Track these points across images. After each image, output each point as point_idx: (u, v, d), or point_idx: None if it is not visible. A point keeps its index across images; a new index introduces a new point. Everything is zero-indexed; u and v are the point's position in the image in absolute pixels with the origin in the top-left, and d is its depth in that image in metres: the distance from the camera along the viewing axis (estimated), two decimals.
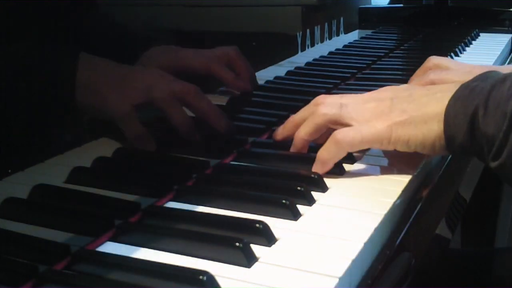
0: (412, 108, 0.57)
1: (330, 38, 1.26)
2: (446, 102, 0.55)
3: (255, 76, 0.89)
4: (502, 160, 0.51)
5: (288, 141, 0.65)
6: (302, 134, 0.62)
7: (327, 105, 0.61)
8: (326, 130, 0.62)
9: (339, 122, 0.60)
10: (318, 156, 0.59)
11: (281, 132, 0.66)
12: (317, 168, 0.59)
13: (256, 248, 0.45)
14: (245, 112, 0.81)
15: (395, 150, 0.59)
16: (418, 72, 0.79)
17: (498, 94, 0.52)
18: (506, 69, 0.76)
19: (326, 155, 0.59)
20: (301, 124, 0.63)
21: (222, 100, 0.84)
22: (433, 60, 0.78)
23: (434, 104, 0.56)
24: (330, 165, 0.59)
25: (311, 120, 0.62)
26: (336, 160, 0.59)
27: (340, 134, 0.58)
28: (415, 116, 0.57)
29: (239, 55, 0.85)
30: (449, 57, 1.11)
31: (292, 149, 0.64)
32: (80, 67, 0.66)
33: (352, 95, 0.63)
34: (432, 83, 0.73)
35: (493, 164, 0.52)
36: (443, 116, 0.55)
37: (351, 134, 0.58)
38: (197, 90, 0.69)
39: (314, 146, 0.62)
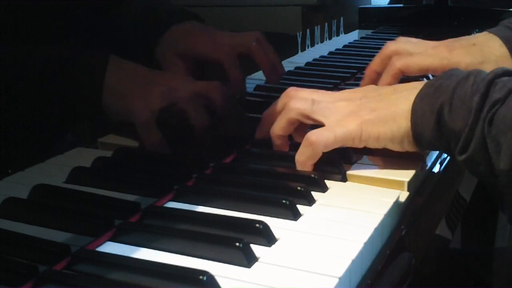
0: (381, 106, 0.59)
1: (330, 38, 1.26)
2: (412, 99, 0.56)
3: (280, 66, 0.87)
4: (469, 154, 0.53)
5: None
6: (276, 130, 0.63)
7: (299, 100, 0.62)
8: (299, 126, 0.63)
9: (310, 117, 0.61)
10: (295, 159, 0.60)
11: (258, 131, 0.67)
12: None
13: (256, 248, 0.45)
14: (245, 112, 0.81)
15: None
16: (376, 59, 0.78)
17: (462, 91, 0.54)
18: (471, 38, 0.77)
19: (303, 157, 0.59)
20: (275, 117, 0.64)
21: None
22: (391, 46, 0.78)
23: (402, 102, 0.57)
24: (308, 167, 0.59)
25: (284, 115, 0.63)
26: (314, 161, 0.59)
27: (313, 135, 0.59)
28: (384, 114, 0.58)
29: (259, 46, 0.83)
30: None
31: (274, 148, 0.64)
32: (109, 70, 0.67)
33: (324, 92, 0.64)
34: (400, 71, 0.73)
35: (460, 158, 0.54)
36: (410, 113, 0.56)
37: (324, 134, 0.58)
38: (219, 86, 0.70)
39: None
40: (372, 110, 0.59)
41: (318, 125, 0.61)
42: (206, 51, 0.82)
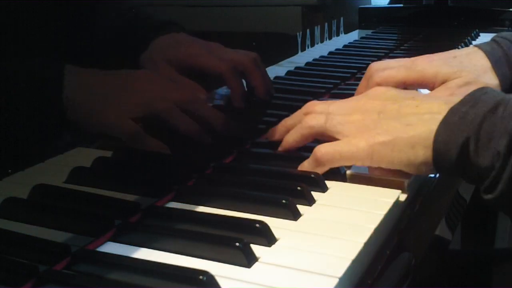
0: (398, 128, 0.55)
1: (330, 38, 1.26)
2: (434, 126, 0.53)
3: (272, 88, 0.85)
4: (496, 195, 0.50)
5: None
6: (290, 140, 0.63)
7: (314, 116, 0.61)
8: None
9: (325, 135, 0.60)
10: (301, 169, 0.59)
11: (272, 134, 0.67)
12: None
13: (256, 248, 0.45)
14: (245, 112, 0.81)
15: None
16: (362, 81, 0.77)
17: (489, 127, 0.50)
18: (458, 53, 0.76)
19: (308, 170, 0.59)
20: (291, 127, 0.64)
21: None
22: (373, 66, 0.76)
23: (421, 127, 0.54)
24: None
25: (299, 130, 0.62)
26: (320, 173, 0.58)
27: (320, 151, 0.58)
28: (401, 138, 0.55)
29: (255, 66, 0.82)
30: None
31: (280, 149, 0.64)
32: (67, 83, 0.63)
33: (342, 102, 0.62)
34: (378, 85, 0.71)
35: (486, 197, 0.51)
36: (430, 142, 0.53)
37: (330, 151, 0.57)
38: (199, 96, 0.68)
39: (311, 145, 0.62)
40: (388, 132, 0.55)
41: None
42: (205, 62, 0.80)
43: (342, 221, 0.50)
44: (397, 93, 0.61)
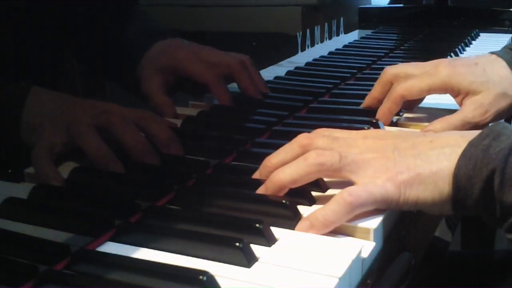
0: (419, 164, 0.51)
1: (330, 38, 1.26)
2: (455, 161, 0.50)
3: (265, 88, 0.86)
4: None
5: None
6: (287, 178, 0.53)
7: (323, 153, 0.52)
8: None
9: (336, 175, 0.53)
10: (319, 216, 0.49)
11: (259, 174, 0.58)
12: (314, 229, 0.49)
13: (256, 248, 0.45)
14: (245, 112, 0.81)
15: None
16: (376, 86, 0.76)
17: None
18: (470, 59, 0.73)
19: (333, 217, 0.49)
20: (284, 163, 0.54)
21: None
22: (390, 71, 0.74)
23: (443, 163, 0.50)
24: (330, 228, 0.49)
25: (302, 166, 0.52)
26: (341, 223, 0.49)
27: (351, 196, 0.49)
28: (424, 175, 0.50)
29: (241, 68, 0.82)
30: (448, 57, 1.10)
31: (260, 191, 0.54)
32: (28, 102, 0.64)
33: (342, 139, 0.56)
34: (402, 96, 0.71)
35: (509, 236, 0.48)
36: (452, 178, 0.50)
37: (363, 196, 0.49)
38: (151, 114, 0.66)
39: None
40: (409, 169, 0.51)
41: None
42: (190, 68, 0.81)
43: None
44: (401, 132, 0.57)
